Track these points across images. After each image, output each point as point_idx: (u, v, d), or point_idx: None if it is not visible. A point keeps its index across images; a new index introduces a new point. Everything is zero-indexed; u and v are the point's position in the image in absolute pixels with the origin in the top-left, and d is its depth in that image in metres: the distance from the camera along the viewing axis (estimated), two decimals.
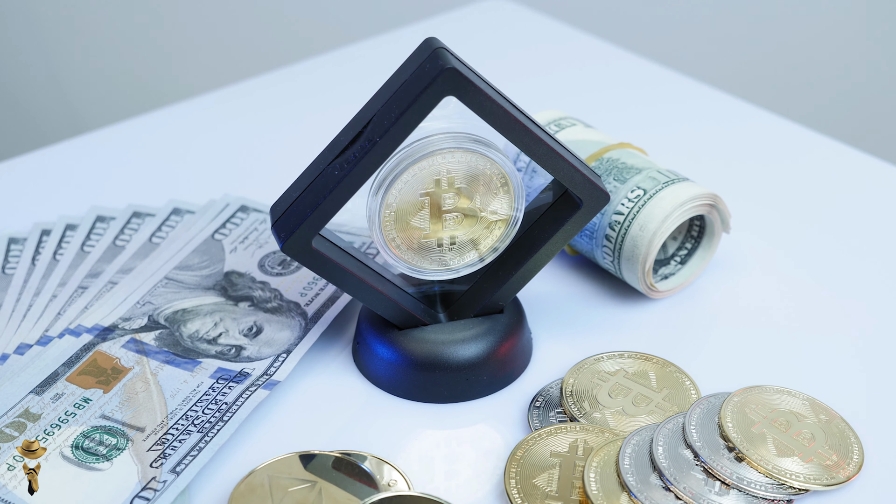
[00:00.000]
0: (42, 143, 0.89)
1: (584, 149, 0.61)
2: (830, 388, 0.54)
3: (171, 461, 0.50)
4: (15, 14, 1.17)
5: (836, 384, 0.55)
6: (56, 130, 1.21)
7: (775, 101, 1.18)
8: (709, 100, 0.80)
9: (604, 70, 0.84)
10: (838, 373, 0.55)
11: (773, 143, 0.75)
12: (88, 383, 0.54)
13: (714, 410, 0.51)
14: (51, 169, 0.73)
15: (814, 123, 0.84)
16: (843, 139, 0.79)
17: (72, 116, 1.26)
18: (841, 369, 0.56)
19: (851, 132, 1.25)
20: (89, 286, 0.60)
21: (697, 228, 0.61)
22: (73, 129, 1.20)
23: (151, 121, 0.79)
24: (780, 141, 0.75)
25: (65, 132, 1.17)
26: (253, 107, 0.80)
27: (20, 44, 1.19)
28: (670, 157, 0.69)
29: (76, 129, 1.17)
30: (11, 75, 1.21)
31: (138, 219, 0.66)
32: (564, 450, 0.50)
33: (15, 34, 1.19)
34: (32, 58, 1.20)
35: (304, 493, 0.47)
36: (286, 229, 0.51)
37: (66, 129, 1.22)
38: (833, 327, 0.58)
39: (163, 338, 0.57)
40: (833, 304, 0.60)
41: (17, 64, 1.20)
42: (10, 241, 0.64)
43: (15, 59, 1.19)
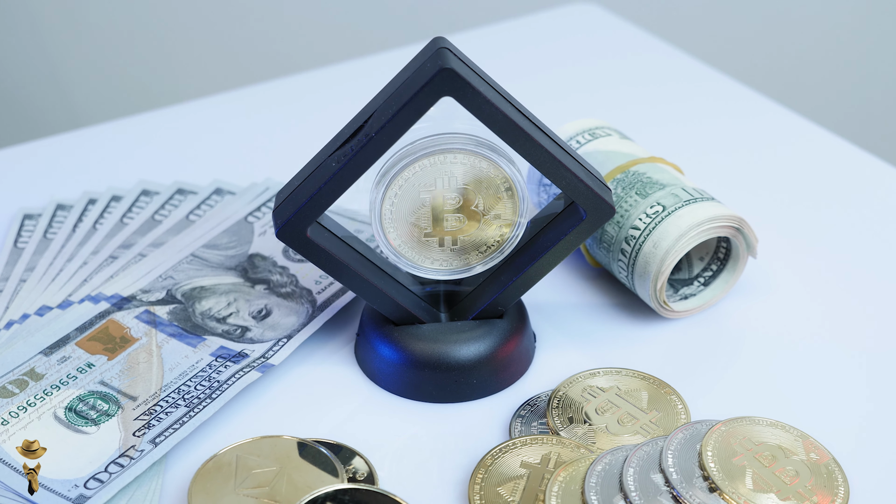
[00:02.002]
0: (98, 120, 0.93)
1: (612, 160, 0.60)
2: (832, 428, 0.52)
3: (153, 432, 0.51)
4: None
5: (838, 424, 0.52)
6: (108, 111, 1.25)
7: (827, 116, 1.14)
8: (782, 124, 0.78)
9: (684, 85, 0.82)
10: (844, 413, 0.53)
11: (852, 177, 0.72)
12: (96, 349, 0.56)
13: (697, 437, 0.50)
14: (106, 144, 0.75)
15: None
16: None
17: (112, 101, 1.29)
18: (848, 410, 0.53)
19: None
20: (119, 256, 0.62)
21: (724, 251, 0.59)
22: (126, 110, 1.23)
23: (214, 104, 0.81)
24: (855, 173, 0.73)
25: (127, 111, 1.21)
26: (316, 99, 0.81)
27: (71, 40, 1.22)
28: (725, 180, 0.67)
29: (136, 109, 1.21)
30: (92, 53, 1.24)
31: (181, 195, 0.67)
32: (536, 461, 0.50)
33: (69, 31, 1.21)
34: (75, 48, 1.23)
35: (266, 475, 0.48)
36: (282, 216, 0.51)
37: (127, 110, 1.26)
38: (847, 368, 0.56)
39: (176, 312, 0.58)
40: (853, 345, 0.57)
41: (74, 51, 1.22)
42: (58, 207, 0.66)
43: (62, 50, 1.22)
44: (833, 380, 0.55)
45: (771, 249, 0.63)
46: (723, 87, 0.81)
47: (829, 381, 0.55)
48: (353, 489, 0.46)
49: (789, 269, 0.62)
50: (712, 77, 0.83)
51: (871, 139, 1.23)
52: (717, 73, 0.83)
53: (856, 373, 0.56)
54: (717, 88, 0.81)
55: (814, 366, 0.56)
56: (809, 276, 0.62)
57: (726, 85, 0.82)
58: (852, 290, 0.61)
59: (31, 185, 0.70)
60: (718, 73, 0.83)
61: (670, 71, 0.84)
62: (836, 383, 0.55)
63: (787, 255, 0.63)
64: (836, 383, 0.55)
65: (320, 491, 0.46)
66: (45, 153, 0.74)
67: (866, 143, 0.83)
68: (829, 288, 0.61)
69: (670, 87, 0.82)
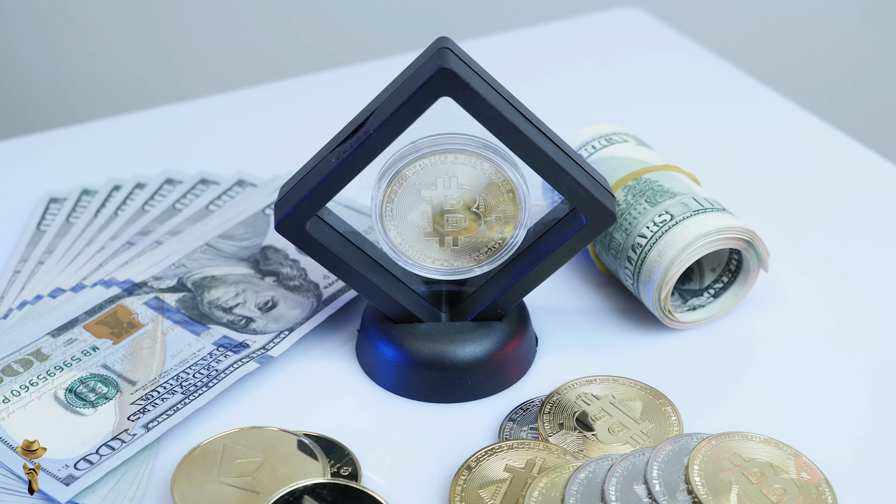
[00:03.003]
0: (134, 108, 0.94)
1: (626, 166, 0.59)
2: (829, 448, 0.51)
3: (147, 417, 0.52)
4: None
5: (836, 445, 0.51)
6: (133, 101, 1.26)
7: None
8: (816, 137, 0.76)
9: (726, 97, 0.81)
10: (843, 434, 0.52)
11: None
12: (102, 333, 0.57)
13: (686, 450, 0.49)
14: (130, 133, 0.77)
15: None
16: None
17: (145, 91, 1.30)
18: (848, 432, 0.52)
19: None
20: (137, 243, 0.63)
21: (736, 263, 0.58)
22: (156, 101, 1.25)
23: (247, 96, 0.82)
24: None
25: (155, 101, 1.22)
26: (344, 95, 0.82)
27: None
28: (756, 189, 0.66)
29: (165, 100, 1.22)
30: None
31: (204, 185, 0.68)
32: (521, 466, 0.49)
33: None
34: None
35: (250, 465, 0.49)
36: (282, 210, 0.52)
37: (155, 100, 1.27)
38: (852, 389, 0.55)
39: (184, 300, 0.59)
40: (860, 366, 0.56)
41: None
42: (83, 192, 0.68)
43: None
44: (836, 400, 0.54)
45: (786, 261, 0.62)
46: (764, 101, 0.80)
47: (833, 400, 0.54)
48: (331, 484, 0.47)
49: (802, 283, 0.61)
50: (755, 90, 0.81)
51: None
52: (763, 85, 0.81)
53: (860, 394, 0.54)
54: (759, 102, 0.80)
55: (818, 384, 0.55)
56: (822, 291, 0.61)
57: (769, 98, 0.80)
58: (866, 307, 0.60)
59: (63, 170, 0.71)
60: (764, 86, 0.81)
61: (710, 79, 0.83)
62: (840, 404, 0.54)
63: (802, 268, 0.62)
64: (840, 404, 0.54)
65: (298, 484, 0.46)
66: (76, 140, 0.76)
67: (892, 154, 0.81)
68: (842, 305, 0.60)
69: (708, 96, 0.81)
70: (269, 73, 1.19)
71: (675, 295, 0.59)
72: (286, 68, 1.21)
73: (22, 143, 0.76)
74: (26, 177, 0.71)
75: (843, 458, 0.51)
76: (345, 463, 0.50)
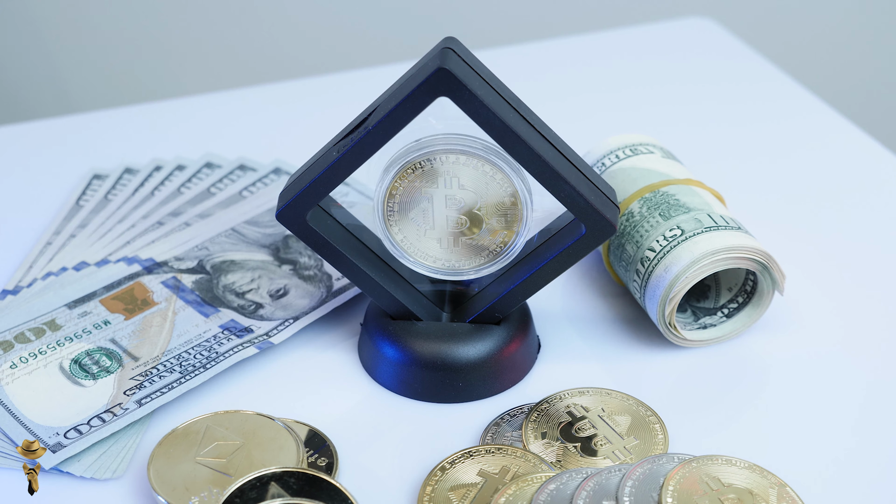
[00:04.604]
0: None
1: (645, 178, 0.58)
2: (820, 482, 0.49)
3: (142, 393, 0.53)
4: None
5: (829, 479, 0.50)
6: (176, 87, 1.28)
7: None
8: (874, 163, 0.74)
9: (790, 115, 0.79)
10: (839, 470, 0.50)
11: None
12: (116, 308, 0.58)
13: (663, 470, 0.48)
14: (202, 114, 0.78)
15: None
16: None
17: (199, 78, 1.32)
18: (845, 468, 0.51)
19: None
20: (166, 223, 0.65)
21: (751, 284, 0.57)
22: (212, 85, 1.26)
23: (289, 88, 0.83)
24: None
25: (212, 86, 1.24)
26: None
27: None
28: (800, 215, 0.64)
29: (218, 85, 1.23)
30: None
31: (241, 171, 0.70)
32: (494, 471, 0.49)
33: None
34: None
35: (228, 448, 0.50)
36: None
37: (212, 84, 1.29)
38: (857, 428, 0.53)
39: (200, 282, 0.60)
40: (870, 405, 0.54)
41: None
42: (125, 171, 0.69)
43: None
44: (840, 436, 0.52)
45: (806, 283, 0.60)
46: (827, 121, 0.78)
47: (837, 436, 0.52)
48: (300, 473, 0.47)
49: (821, 306, 0.59)
50: (830, 119, 0.78)
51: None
52: (837, 113, 0.79)
53: (864, 433, 0.53)
54: (821, 121, 0.78)
55: (824, 418, 0.53)
56: (841, 317, 0.59)
57: (832, 120, 0.78)
58: (886, 339, 0.58)
59: (116, 148, 0.73)
60: (837, 113, 0.79)
61: (774, 97, 0.81)
62: (843, 441, 0.52)
63: (824, 289, 0.60)
64: (843, 441, 0.52)
65: (266, 470, 0.47)
66: (127, 119, 0.78)
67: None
68: (861, 334, 0.58)
69: (771, 116, 0.79)
70: (317, 69, 1.21)
71: (687, 311, 0.58)
72: (330, 64, 1.23)
73: (76, 120, 0.78)
74: (80, 153, 0.73)
75: (831, 493, 0.49)
76: (323, 454, 0.51)
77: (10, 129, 0.77)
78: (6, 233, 0.65)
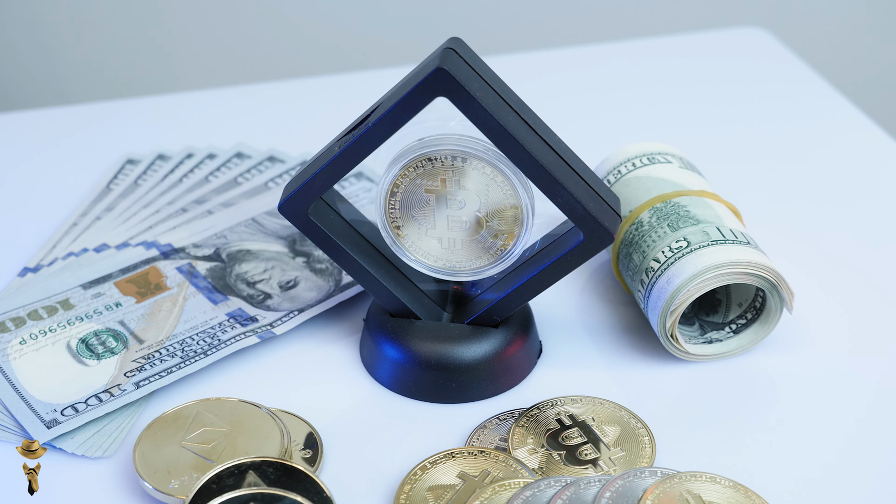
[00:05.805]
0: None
1: (658, 187, 0.58)
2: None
3: (141, 375, 0.54)
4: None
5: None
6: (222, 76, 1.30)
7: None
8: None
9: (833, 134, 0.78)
10: (836, 498, 0.49)
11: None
12: (129, 290, 0.60)
13: (643, 485, 0.48)
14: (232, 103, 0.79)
15: None
16: None
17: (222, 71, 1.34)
18: (840, 495, 0.49)
19: None
20: (189, 210, 0.66)
21: (761, 300, 0.56)
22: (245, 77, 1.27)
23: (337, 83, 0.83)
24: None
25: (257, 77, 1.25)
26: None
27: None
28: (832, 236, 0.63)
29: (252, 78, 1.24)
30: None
31: (270, 162, 0.70)
32: (474, 474, 0.49)
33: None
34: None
35: (214, 434, 0.50)
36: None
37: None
38: (858, 457, 0.52)
39: (214, 270, 0.61)
40: (873, 434, 0.53)
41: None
42: (158, 157, 0.71)
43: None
44: (838, 464, 0.51)
45: (820, 293, 0.59)
46: (873, 141, 0.76)
47: (834, 462, 0.51)
48: (278, 463, 0.47)
49: (831, 322, 0.58)
50: (864, 126, 0.77)
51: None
52: (882, 132, 0.77)
53: (865, 462, 0.51)
54: (868, 141, 0.76)
55: (820, 440, 0.52)
56: (851, 331, 0.57)
57: (879, 140, 0.76)
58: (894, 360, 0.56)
59: (152, 134, 0.75)
60: (883, 132, 0.77)
61: (820, 112, 0.79)
62: (840, 469, 0.51)
63: (836, 301, 0.59)
64: (840, 469, 0.51)
65: (245, 459, 0.47)
66: (170, 106, 0.79)
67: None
68: (872, 357, 0.56)
69: (814, 129, 0.77)
70: (347, 67, 1.22)
71: (695, 325, 0.57)
72: (364, 62, 1.24)
73: (113, 106, 0.80)
74: (118, 138, 0.75)
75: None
76: (308, 446, 0.51)
77: (54, 111, 0.79)
78: (37, 212, 0.67)
